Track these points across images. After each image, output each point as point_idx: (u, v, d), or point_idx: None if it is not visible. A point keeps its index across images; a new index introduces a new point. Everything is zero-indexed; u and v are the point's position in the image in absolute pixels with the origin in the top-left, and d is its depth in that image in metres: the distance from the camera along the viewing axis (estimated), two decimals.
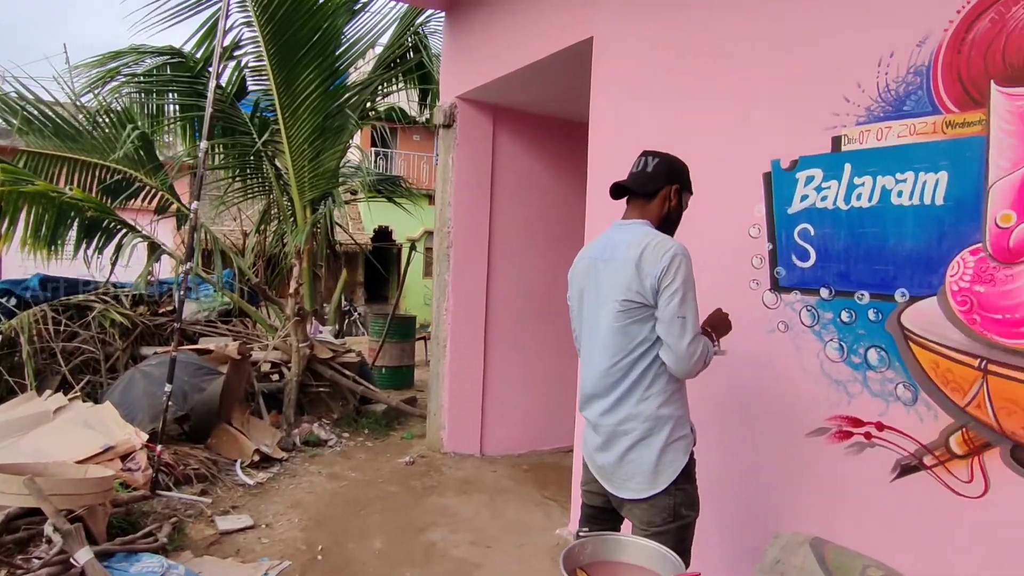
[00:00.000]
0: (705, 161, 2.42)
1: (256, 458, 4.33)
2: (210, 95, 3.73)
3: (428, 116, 6.38)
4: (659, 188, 1.90)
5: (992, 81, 1.77)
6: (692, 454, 1.84)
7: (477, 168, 4.81)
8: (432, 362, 5.11)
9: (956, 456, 1.83)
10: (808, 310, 2.23)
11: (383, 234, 16.22)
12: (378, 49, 6.30)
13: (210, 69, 4.01)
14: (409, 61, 6.28)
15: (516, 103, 4.76)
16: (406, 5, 5.73)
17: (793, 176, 2.28)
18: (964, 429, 1.81)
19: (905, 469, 1.95)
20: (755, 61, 2.43)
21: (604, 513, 1.94)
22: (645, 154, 1.96)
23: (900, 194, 1.98)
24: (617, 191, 1.96)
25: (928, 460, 1.90)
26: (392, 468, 4.56)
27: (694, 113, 2.69)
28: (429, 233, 14.47)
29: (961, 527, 1.82)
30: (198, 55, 5.67)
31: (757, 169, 2.39)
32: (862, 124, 2.08)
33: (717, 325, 2.01)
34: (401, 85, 6.60)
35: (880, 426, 2.02)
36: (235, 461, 4.27)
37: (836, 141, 2.15)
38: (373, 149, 16.80)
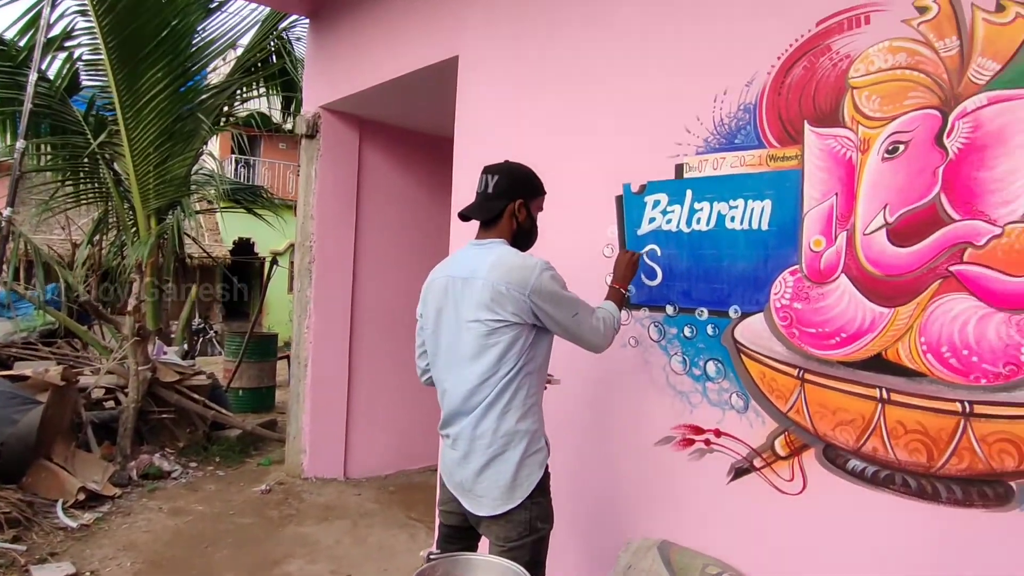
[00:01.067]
0: (563, 182, 2.50)
1: (82, 497, 3.84)
2: (30, 88, 3.32)
3: (292, 124, 6.12)
4: (503, 208, 1.90)
5: (806, 121, 1.99)
6: (547, 467, 1.87)
7: (342, 181, 4.66)
8: (292, 383, 4.84)
9: (780, 457, 2.01)
10: (656, 326, 2.37)
11: (244, 247, 15.24)
12: (239, 51, 5.97)
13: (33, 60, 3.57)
14: (271, 66, 6.00)
15: (383, 116, 4.69)
16: (268, 8, 5.48)
17: (642, 200, 2.42)
18: (787, 433, 2.00)
19: (739, 472, 2.12)
20: (611, 90, 2.56)
21: (461, 532, 1.92)
22: (485, 172, 1.95)
23: (733, 219, 2.16)
24: (466, 216, 1.96)
25: (757, 462, 2.07)
26: (246, 498, 4.25)
27: (554, 136, 2.78)
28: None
29: (785, 522, 1.99)
30: (21, 43, 5.04)
31: (611, 192, 2.52)
32: (701, 154, 2.26)
33: (625, 273, 2.14)
34: (262, 91, 6.29)
35: (718, 433, 2.17)
36: (56, 501, 3.77)
37: (679, 168, 2.32)
38: (233, 156, 15.80)
